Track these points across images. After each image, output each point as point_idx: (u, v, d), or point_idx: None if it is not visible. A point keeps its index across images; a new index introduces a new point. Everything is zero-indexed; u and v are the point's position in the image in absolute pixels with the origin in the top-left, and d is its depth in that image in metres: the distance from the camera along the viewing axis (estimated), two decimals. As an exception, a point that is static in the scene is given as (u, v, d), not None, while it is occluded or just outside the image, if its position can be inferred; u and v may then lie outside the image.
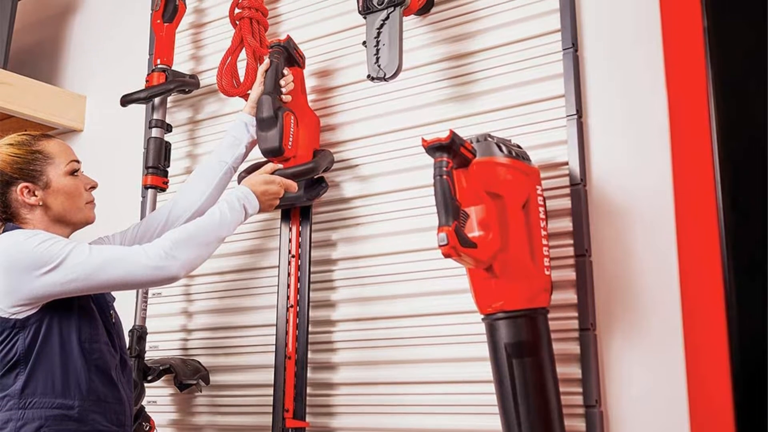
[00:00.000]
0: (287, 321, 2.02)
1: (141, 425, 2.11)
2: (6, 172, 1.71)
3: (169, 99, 2.45)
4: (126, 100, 2.39)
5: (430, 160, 1.59)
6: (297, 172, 1.95)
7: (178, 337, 2.38)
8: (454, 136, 1.56)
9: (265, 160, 2.04)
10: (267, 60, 2.03)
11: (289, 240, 2.08)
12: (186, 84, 2.39)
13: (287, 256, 2.07)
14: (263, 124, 1.95)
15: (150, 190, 2.33)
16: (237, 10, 2.27)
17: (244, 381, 2.21)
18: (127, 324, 2.03)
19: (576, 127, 1.77)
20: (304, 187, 2.06)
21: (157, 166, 2.33)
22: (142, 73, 2.54)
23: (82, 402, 1.63)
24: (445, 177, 1.55)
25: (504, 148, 1.63)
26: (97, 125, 2.85)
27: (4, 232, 1.69)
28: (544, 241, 1.64)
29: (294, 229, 2.08)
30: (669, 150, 1.68)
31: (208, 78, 2.44)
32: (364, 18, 1.91)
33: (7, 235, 1.65)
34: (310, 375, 2.02)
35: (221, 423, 2.24)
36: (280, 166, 1.96)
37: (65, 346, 1.64)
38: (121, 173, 2.62)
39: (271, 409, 2.00)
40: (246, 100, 2.12)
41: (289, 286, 2.04)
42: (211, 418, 2.26)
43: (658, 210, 1.68)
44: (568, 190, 1.77)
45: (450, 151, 1.57)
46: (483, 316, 1.64)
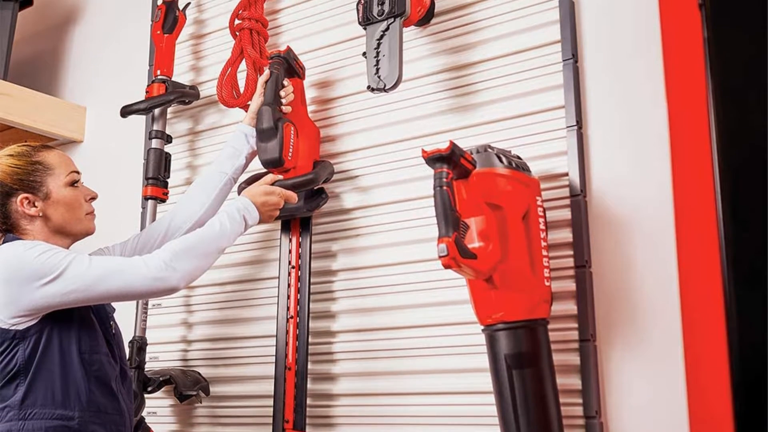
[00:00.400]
0: (287, 332, 2.02)
1: (141, 436, 2.11)
2: (6, 183, 1.71)
3: (169, 110, 2.45)
4: (126, 111, 2.39)
5: (430, 171, 1.59)
6: (297, 183, 1.95)
7: (178, 347, 2.38)
8: (454, 147, 1.56)
9: (265, 171, 2.04)
10: (267, 71, 2.03)
11: (289, 251, 2.08)
12: (186, 95, 2.39)
13: (287, 266, 2.07)
14: (263, 135, 1.95)
15: (150, 201, 2.33)
16: (237, 21, 2.27)
17: (244, 392, 2.21)
18: (127, 335, 2.03)
19: (576, 138, 1.77)
20: (304, 198, 2.06)
21: (157, 177, 2.33)
22: (142, 84, 2.54)
23: (81, 413, 1.63)
24: (445, 188, 1.55)
25: (504, 159, 1.63)
26: (97, 136, 2.85)
27: (3, 243, 1.69)
28: (544, 252, 1.64)
29: (294, 239, 2.08)
30: (669, 161, 1.68)
31: (208, 89, 2.44)
32: (364, 29, 1.92)
33: (6, 246, 1.65)
34: (310, 386, 2.02)
35: (221, 434, 2.24)
36: (280, 177, 1.96)
37: (65, 357, 1.64)
38: (121, 184, 2.62)
39: (271, 420, 1.99)
40: (246, 111, 2.12)
41: (289, 297, 2.04)
42: (211, 429, 2.26)
43: (658, 221, 1.68)
44: (568, 201, 1.77)
45: (450, 162, 1.57)
46: (483, 327, 1.63)
